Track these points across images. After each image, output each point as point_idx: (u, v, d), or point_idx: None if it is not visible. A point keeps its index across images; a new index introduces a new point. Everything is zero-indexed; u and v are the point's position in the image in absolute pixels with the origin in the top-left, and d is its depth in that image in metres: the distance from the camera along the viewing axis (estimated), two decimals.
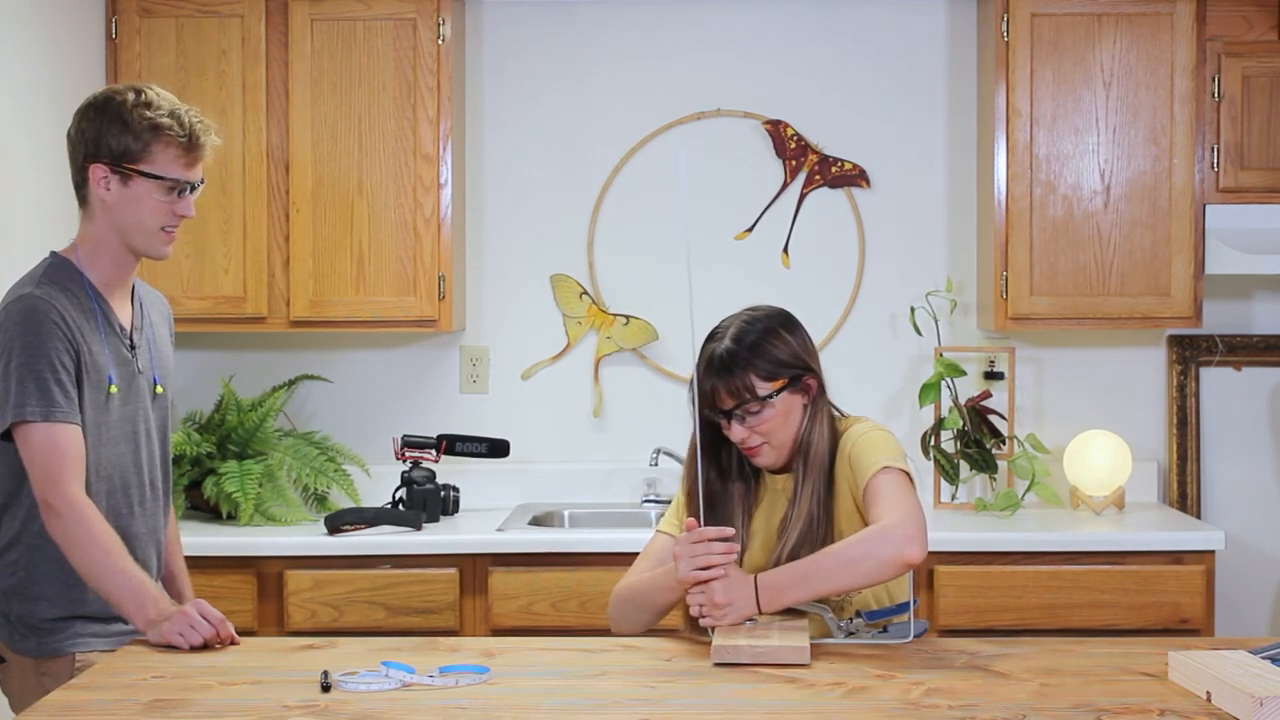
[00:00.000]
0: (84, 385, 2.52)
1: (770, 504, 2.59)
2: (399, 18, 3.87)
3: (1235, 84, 3.85)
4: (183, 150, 2.55)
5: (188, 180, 2.57)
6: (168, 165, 2.54)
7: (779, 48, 4.20)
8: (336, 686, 2.16)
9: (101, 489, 2.56)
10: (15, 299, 2.52)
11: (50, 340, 2.47)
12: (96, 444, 2.54)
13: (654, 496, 4.13)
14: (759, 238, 4.20)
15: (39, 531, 2.51)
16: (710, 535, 2.37)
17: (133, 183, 2.54)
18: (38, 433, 2.45)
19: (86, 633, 2.56)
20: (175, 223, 2.59)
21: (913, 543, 2.34)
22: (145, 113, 2.54)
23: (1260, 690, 1.92)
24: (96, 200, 2.56)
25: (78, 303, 2.55)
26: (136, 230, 2.57)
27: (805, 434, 2.53)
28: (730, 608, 2.35)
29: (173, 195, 2.56)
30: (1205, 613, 3.59)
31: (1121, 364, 4.19)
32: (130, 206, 2.55)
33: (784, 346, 2.52)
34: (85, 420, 2.52)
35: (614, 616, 2.62)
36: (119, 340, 2.61)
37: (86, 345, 2.52)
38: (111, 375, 2.56)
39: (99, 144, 2.54)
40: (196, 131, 2.57)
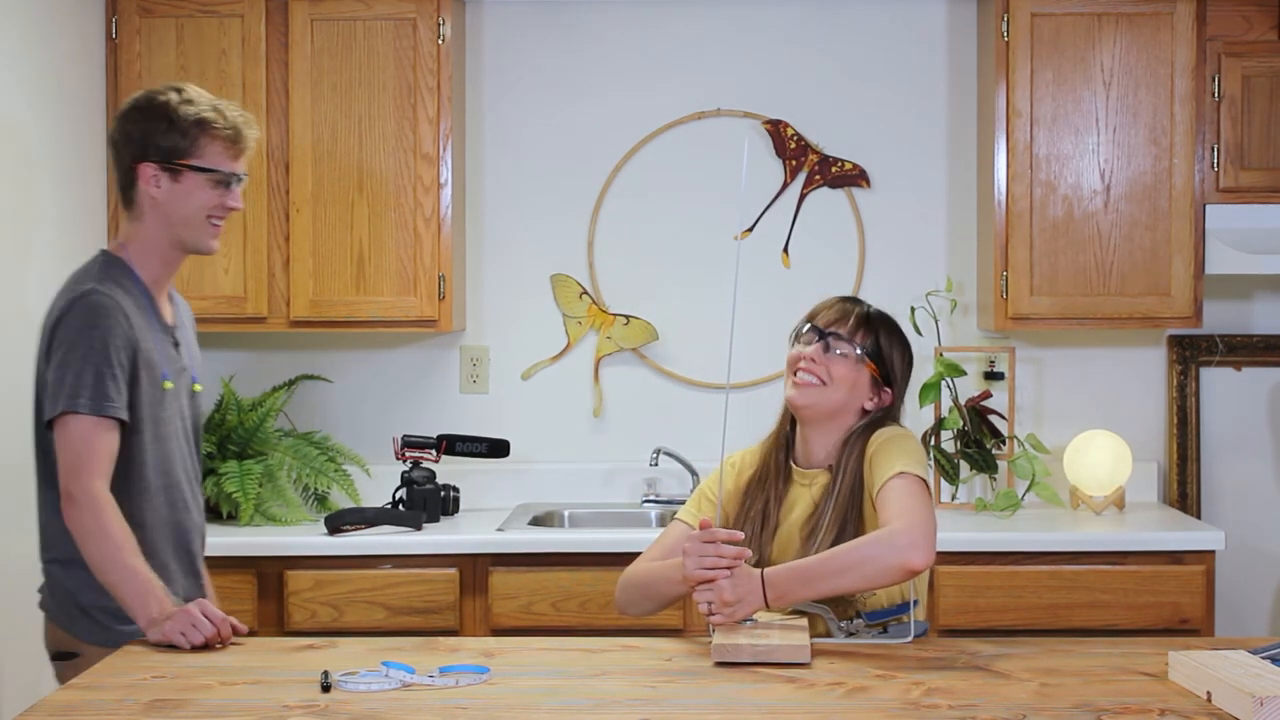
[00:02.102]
0: (141, 382, 2.57)
1: (794, 500, 2.59)
2: (399, 18, 3.87)
3: (1235, 84, 3.85)
4: (228, 143, 2.63)
5: (234, 172, 2.65)
6: (215, 158, 2.62)
7: (779, 48, 4.20)
8: (337, 686, 2.16)
9: (161, 484, 2.64)
10: (79, 295, 2.56)
11: (112, 337, 2.52)
12: (155, 439, 2.62)
13: (654, 496, 4.13)
14: (759, 238, 4.20)
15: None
16: (721, 536, 2.38)
17: (183, 178, 2.61)
18: (78, 424, 2.50)
19: None
20: (223, 216, 2.67)
21: (917, 549, 2.34)
22: (190, 109, 2.61)
23: (1260, 690, 1.92)
24: (146, 199, 2.63)
25: (133, 300, 2.61)
26: (187, 225, 2.64)
27: (851, 440, 2.58)
28: (739, 605, 2.36)
29: (221, 188, 2.64)
30: (1205, 613, 3.59)
31: (1121, 364, 4.19)
32: (181, 201, 2.62)
33: (900, 353, 2.65)
34: (143, 416, 2.58)
35: (621, 599, 2.65)
36: (167, 338, 2.68)
37: (144, 345, 2.58)
38: (165, 372, 2.63)
39: (146, 144, 2.60)
40: (239, 124, 2.65)
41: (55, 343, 2.56)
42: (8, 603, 3.35)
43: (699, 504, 2.66)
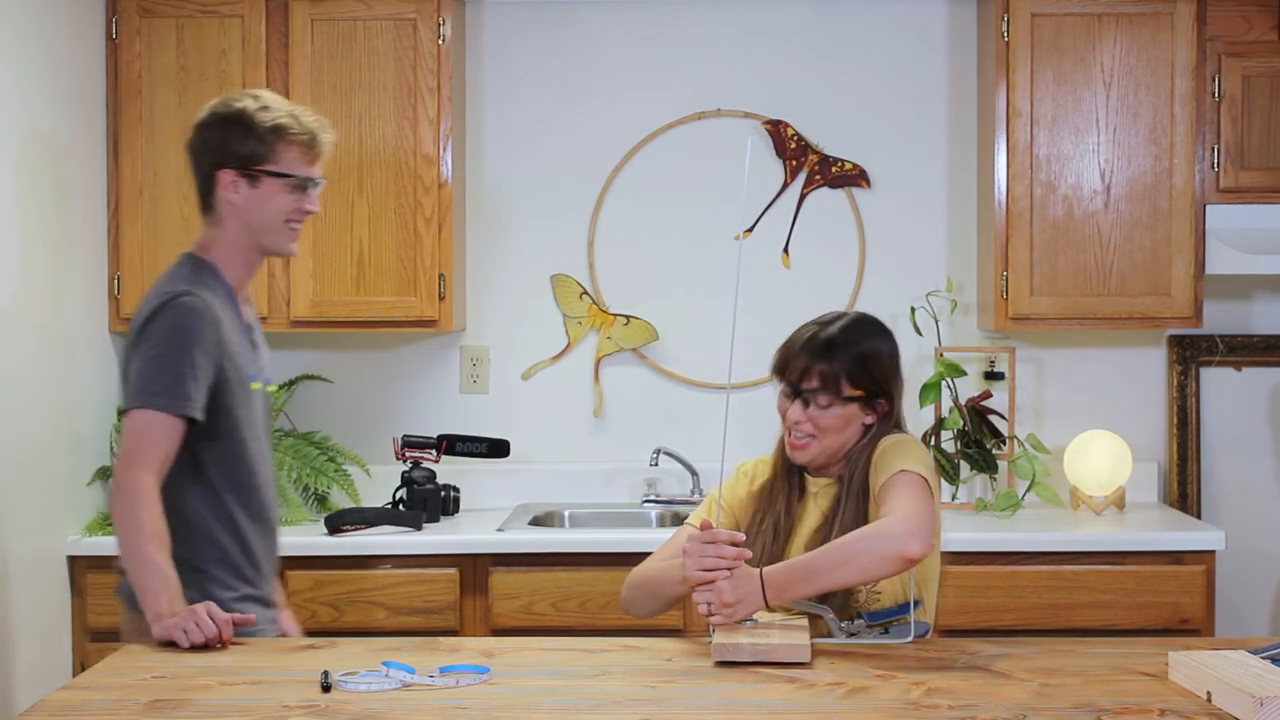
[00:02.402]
0: (231, 384, 2.63)
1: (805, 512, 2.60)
2: (399, 18, 3.87)
3: (1235, 84, 3.85)
4: (304, 148, 2.69)
5: (310, 177, 2.70)
6: (292, 163, 2.67)
7: (779, 48, 4.20)
8: (337, 686, 2.16)
9: (257, 483, 2.69)
10: (172, 296, 2.60)
11: (199, 339, 2.57)
12: (249, 439, 2.68)
13: (654, 496, 4.13)
14: (759, 238, 4.20)
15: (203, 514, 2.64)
16: (722, 538, 2.38)
17: (261, 184, 2.66)
18: (144, 417, 2.54)
19: (263, 619, 2.67)
20: (301, 219, 2.72)
21: (913, 538, 2.34)
22: (266, 116, 2.66)
23: (1260, 690, 1.92)
24: (225, 205, 2.68)
25: (221, 305, 2.66)
26: (266, 230, 2.69)
27: (857, 454, 2.56)
28: (739, 605, 2.35)
29: (298, 193, 2.69)
30: (1205, 613, 3.59)
31: (1121, 364, 4.19)
32: (259, 207, 2.67)
33: (879, 362, 2.56)
34: (238, 417, 2.64)
35: (626, 598, 2.65)
36: (251, 339, 2.74)
37: (232, 347, 2.64)
38: (252, 374, 2.70)
39: (224, 151, 2.66)
40: (315, 129, 2.70)
41: (141, 340, 2.60)
42: (14, 600, 3.36)
43: (709, 509, 2.66)
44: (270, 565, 2.78)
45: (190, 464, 2.62)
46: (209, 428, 2.61)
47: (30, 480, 3.46)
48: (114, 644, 2.72)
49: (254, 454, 2.69)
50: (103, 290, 3.87)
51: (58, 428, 3.59)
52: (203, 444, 2.62)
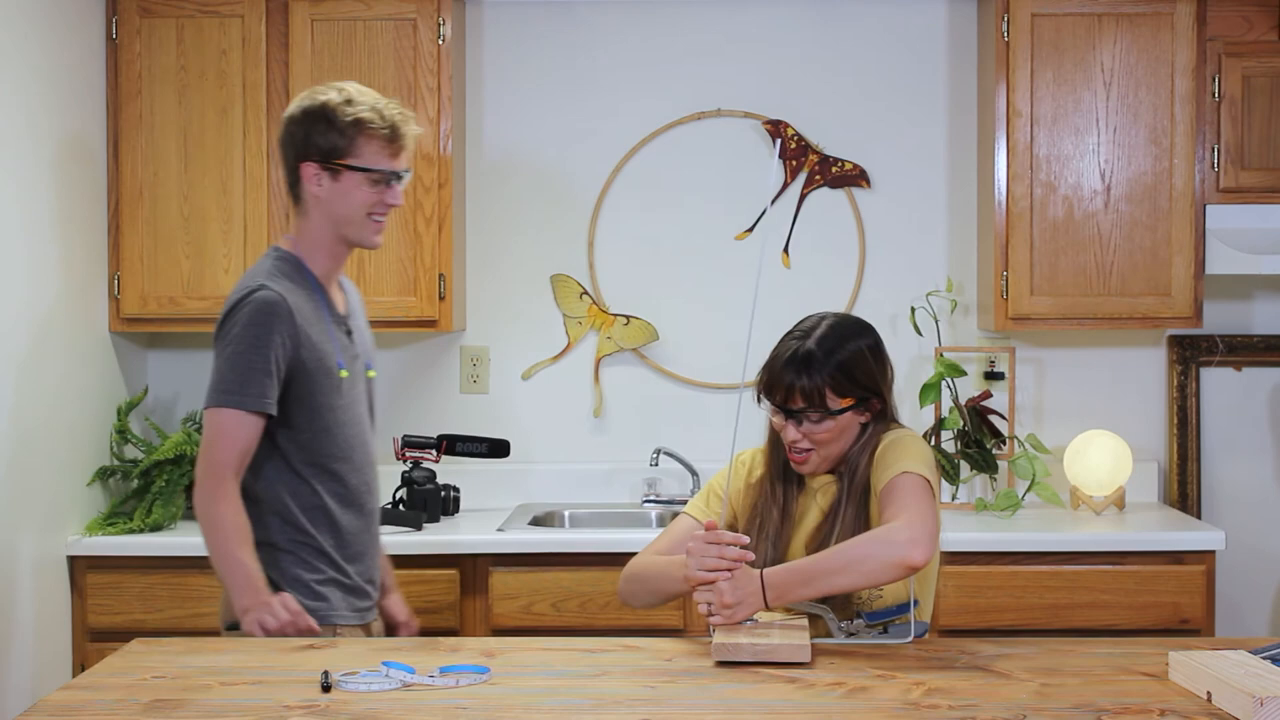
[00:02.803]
0: (311, 376, 2.68)
1: (804, 509, 2.59)
2: (399, 18, 3.87)
3: (1235, 84, 3.85)
4: (386, 142, 2.71)
5: (393, 170, 2.73)
6: (373, 158, 2.71)
7: (779, 48, 4.20)
8: (337, 686, 2.16)
9: (344, 469, 2.75)
10: (248, 291, 2.67)
11: (271, 334, 2.63)
12: (332, 427, 2.72)
13: (654, 496, 4.14)
14: (759, 238, 4.20)
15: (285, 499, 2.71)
16: (726, 539, 2.38)
17: (342, 177, 2.71)
18: (221, 416, 2.63)
19: (345, 606, 2.75)
20: (384, 212, 2.76)
21: (917, 546, 2.34)
22: (348, 110, 2.69)
23: (1260, 690, 1.92)
24: (310, 197, 2.74)
25: (305, 294, 2.72)
26: (348, 222, 2.74)
27: (856, 452, 2.56)
28: (739, 606, 2.36)
29: (380, 186, 2.73)
30: (1205, 613, 3.59)
31: (1121, 364, 4.19)
32: (341, 199, 2.72)
33: (863, 364, 2.54)
34: (316, 406, 2.69)
35: (624, 590, 2.65)
36: (340, 328, 2.78)
37: (314, 337, 2.69)
38: (340, 361, 2.74)
39: (308, 144, 2.71)
40: (397, 124, 2.72)
41: (219, 337, 2.68)
42: (14, 600, 3.36)
43: (707, 499, 2.66)
44: (366, 550, 2.82)
45: (273, 451, 2.70)
46: (290, 416, 2.69)
47: (30, 480, 3.46)
48: (114, 644, 2.73)
49: (341, 440, 2.74)
50: (103, 290, 3.87)
51: (58, 428, 3.59)
52: (284, 432, 2.69)
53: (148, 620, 3.58)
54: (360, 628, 2.79)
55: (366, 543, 2.83)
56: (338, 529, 2.76)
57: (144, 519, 3.69)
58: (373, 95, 2.74)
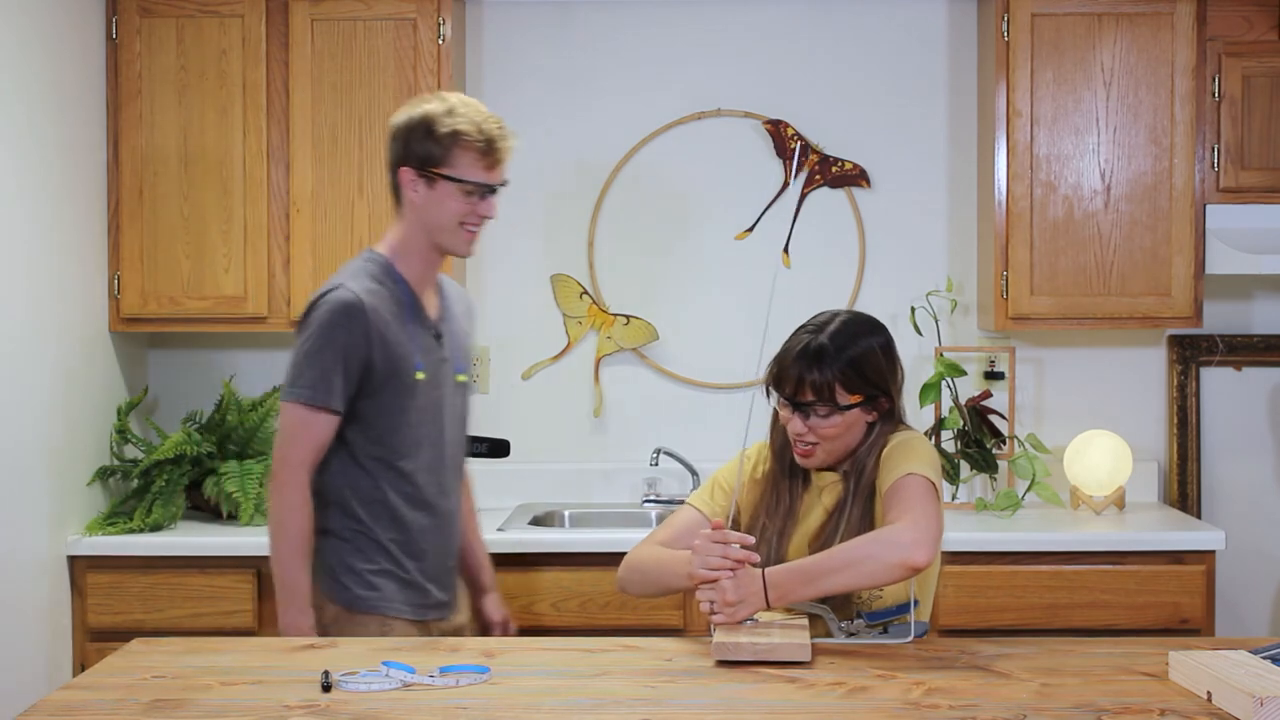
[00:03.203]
0: (382, 375, 2.75)
1: (808, 506, 2.60)
2: (399, 18, 3.87)
3: (1235, 84, 3.85)
4: (480, 155, 2.78)
5: (487, 183, 2.80)
6: (467, 169, 2.77)
7: (779, 48, 4.20)
8: (337, 686, 2.16)
9: (410, 468, 2.81)
10: (327, 290, 2.78)
11: (345, 334, 2.72)
12: (402, 427, 2.79)
13: (654, 496, 4.14)
14: (759, 238, 4.20)
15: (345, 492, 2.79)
16: (731, 539, 2.38)
17: (437, 186, 2.78)
18: (292, 411, 2.74)
19: (399, 599, 2.81)
20: (476, 223, 2.82)
21: (919, 547, 2.34)
22: (447, 121, 2.77)
23: (1260, 690, 1.92)
24: (407, 202, 2.82)
25: (389, 296, 2.79)
26: (440, 229, 2.80)
27: (863, 452, 2.56)
28: (741, 605, 2.36)
29: (474, 197, 2.80)
30: (1205, 613, 3.59)
31: (1121, 364, 4.19)
32: (435, 207, 2.79)
33: (874, 361, 2.55)
34: (385, 405, 2.77)
35: (624, 578, 2.65)
36: (427, 331, 2.84)
37: (390, 337, 2.75)
38: (419, 363, 2.80)
39: (407, 150, 2.79)
40: (494, 138, 2.80)
41: (298, 332, 2.79)
42: (14, 600, 3.36)
43: (712, 491, 2.66)
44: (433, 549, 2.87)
45: (340, 445, 2.78)
46: (359, 412, 2.77)
47: (30, 480, 3.46)
48: (114, 644, 2.73)
49: (411, 439, 2.80)
50: (103, 290, 3.87)
51: (58, 428, 3.59)
52: (353, 427, 2.78)
53: (148, 620, 3.58)
54: (416, 624, 2.83)
55: (435, 542, 2.87)
56: (401, 525, 2.82)
57: (144, 519, 3.69)
58: (474, 108, 2.81)
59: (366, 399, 2.77)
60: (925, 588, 2.57)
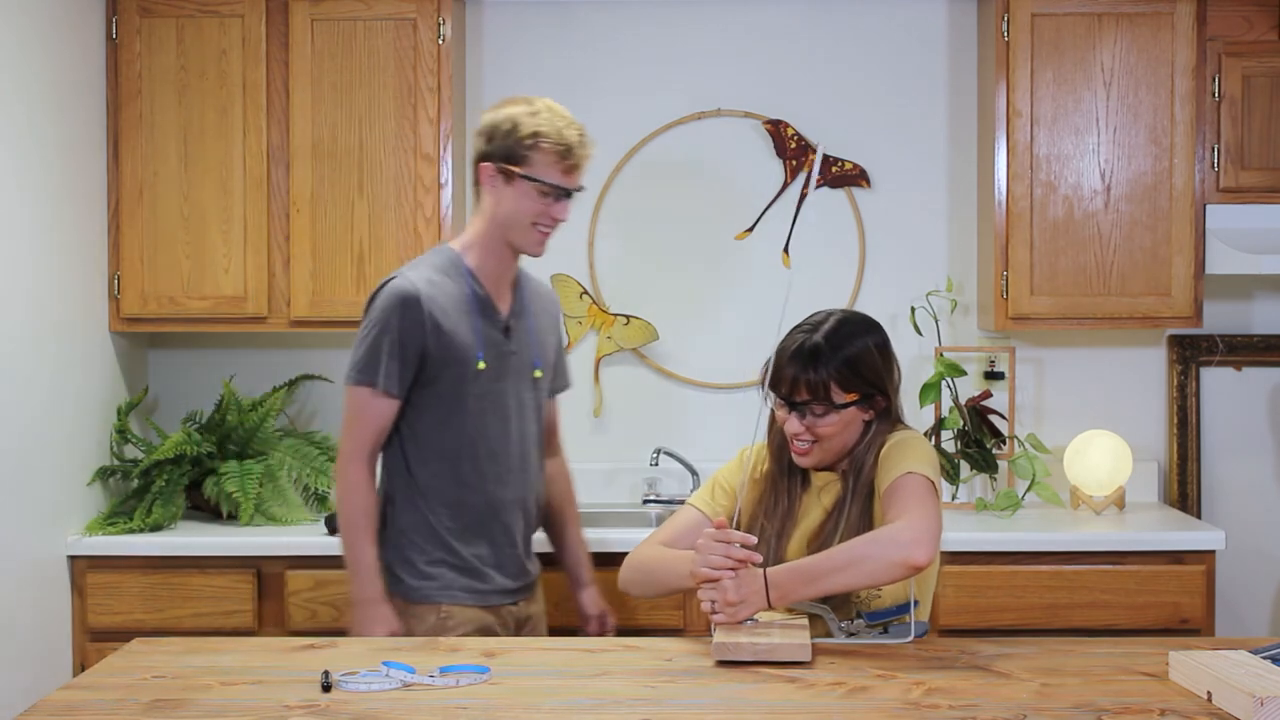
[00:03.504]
0: (438, 363, 2.85)
1: (808, 507, 2.60)
2: (399, 18, 3.87)
3: (1235, 84, 3.85)
4: (559, 158, 2.87)
5: (564, 186, 2.89)
6: (546, 171, 2.87)
7: (779, 48, 4.20)
8: (337, 686, 2.16)
9: (465, 454, 2.90)
10: (388, 279, 2.90)
11: (401, 320, 2.83)
12: (457, 413, 2.88)
13: (654, 496, 4.13)
14: (759, 238, 4.20)
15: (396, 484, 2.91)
16: (735, 538, 2.38)
17: (515, 184, 2.88)
18: (354, 394, 2.86)
19: (456, 586, 2.91)
20: (549, 224, 2.92)
21: (919, 546, 2.35)
22: (530, 121, 2.87)
23: (1260, 690, 1.92)
24: (485, 196, 2.92)
25: (452, 287, 2.89)
26: (513, 227, 2.90)
27: (861, 450, 2.56)
28: (742, 605, 2.36)
29: (549, 199, 2.89)
30: (1205, 613, 3.59)
31: (1121, 364, 4.19)
32: (510, 205, 2.89)
33: (869, 360, 2.55)
34: (440, 393, 2.87)
35: (625, 578, 2.67)
36: (492, 323, 2.93)
37: (448, 326, 2.85)
38: (480, 353, 2.88)
39: (490, 145, 2.89)
40: (573, 144, 2.88)
41: (362, 321, 2.90)
42: (14, 600, 3.36)
43: (713, 491, 2.67)
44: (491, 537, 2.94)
45: (395, 433, 2.90)
46: (415, 400, 2.88)
47: (30, 480, 3.46)
48: (114, 644, 2.73)
49: (468, 427, 2.89)
50: (103, 290, 3.87)
51: (58, 428, 3.59)
52: (409, 413, 2.89)
53: (148, 620, 3.58)
54: (483, 610, 2.91)
55: (496, 530, 2.94)
56: (458, 513, 2.90)
57: (144, 519, 3.69)
58: (559, 113, 2.90)
59: (423, 387, 2.87)
60: (924, 588, 2.57)
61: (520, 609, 3.01)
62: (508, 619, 2.97)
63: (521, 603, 3.02)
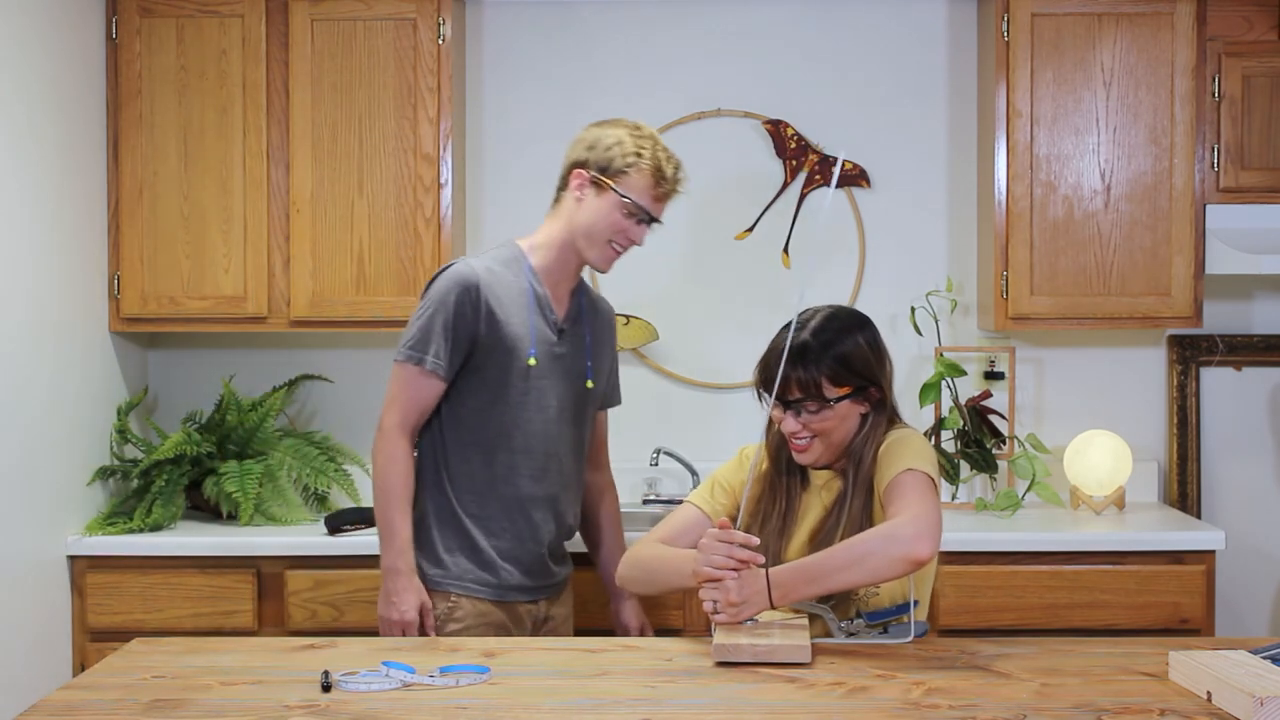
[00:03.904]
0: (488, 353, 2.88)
1: (808, 505, 2.60)
2: (399, 18, 3.87)
3: (1235, 84, 3.85)
4: (654, 183, 2.91)
5: (650, 212, 2.93)
6: (638, 191, 2.91)
7: (779, 48, 4.20)
8: (337, 686, 2.16)
9: (501, 445, 2.92)
10: (449, 264, 2.94)
11: (455, 304, 2.86)
12: (499, 403, 2.91)
13: (654, 496, 4.13)
14: (759, 238, 4.20)
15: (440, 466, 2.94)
16: (737, 538, 2.38)
17: (604, 196, 2.91)
18: (403, 370, 2.90)
19: (469, 577, 2.93)
20: (624, 244, 2.96)
21: (922, 541, 2.36)
22: (635, 142, 2.91)
23: (1260, 690, 1.92)
24: (567, 200, 2.95)
25: (512, 280, 2.93)
26: (588, 236, 2.94)
27: (859, 444, 2.57)
28: (744, 605, 2.36)
29: (632, 220, 2.93)
30: (1205, 613, 3.59)
31: (1121, 364, 4.19)
32: (592, 215, 2.93)
33: (859, 354, 2.56)
34: (485, 382, 2.90)
35: (624, 576, 2.67)
36: (546, 322, 2.96)
37: (502, 316, 2.88)
38: (533, 349, 2.92)
39: (589, 153, 2.93)
40: (669, 174, 2.93)
41: (420, 301, 2.94)
42: (14, 600, 3.36)
43: (712, 489, 2.67)
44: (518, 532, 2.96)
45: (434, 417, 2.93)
46: (459, 386, 2.91)
47: (30, 480, 3.46)
48: (114, 644, 2.73)
49: (508, 420, 2.91)
50: (103, 290, 3.87)
51: (58, 428, 3.59)
52: (451, 398, 2.92)
53: (148, 620, 3.58)
54: (493, 604, 2.93)
55: (521, 526, 2.95)
56: (483, 502, 2.92)
57: (144, 519, 3.69)
58: (660, 143, 2.94)
59: (470, 375, 2.90)
60: (922, 587, 2.57)
61: (540, 608, 3.01)
62: (524, 617, 2.98)
63: (542, 602, 3.02)
